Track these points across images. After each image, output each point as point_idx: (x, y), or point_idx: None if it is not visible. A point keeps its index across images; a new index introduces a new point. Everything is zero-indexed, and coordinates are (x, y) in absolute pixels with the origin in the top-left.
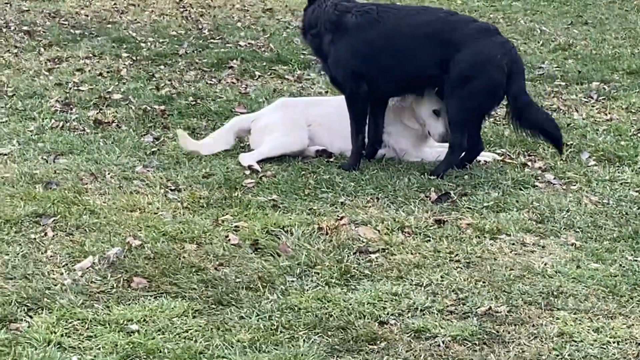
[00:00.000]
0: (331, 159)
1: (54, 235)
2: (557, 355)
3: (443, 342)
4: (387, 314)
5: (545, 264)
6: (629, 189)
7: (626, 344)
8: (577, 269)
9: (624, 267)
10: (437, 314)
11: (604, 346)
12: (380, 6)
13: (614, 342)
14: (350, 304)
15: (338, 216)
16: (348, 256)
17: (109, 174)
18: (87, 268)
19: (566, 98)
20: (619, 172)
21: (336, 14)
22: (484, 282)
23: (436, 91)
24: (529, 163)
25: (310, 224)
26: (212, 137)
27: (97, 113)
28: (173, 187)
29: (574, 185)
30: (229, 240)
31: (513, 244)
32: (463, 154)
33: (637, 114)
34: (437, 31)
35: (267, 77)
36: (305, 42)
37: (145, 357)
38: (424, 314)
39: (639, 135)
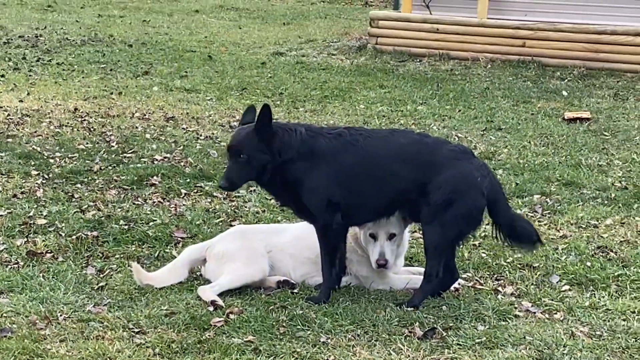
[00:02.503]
0: (295, 290)
1: None
2: None
3: None
4: None
5: None
6: (616, 317)
7: None
8: None
9: None
10: None
11: None
12: (351, 129)
13: None
14: None
15: None
16: None
17: (61, 315)
18: None
19: None
20: (596, 298)
21: (311, 137)
22: None
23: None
24: (500, 289)
25: None
26: (166, 269)
27: (26, 242)
28: (137, 330)
29: (556, 314)
30: None
31: None
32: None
33: (588, 229)
34: (415, 154)
35: (195, 195)
36: (266, 167)
37: None
38: None
39: (601, 255)
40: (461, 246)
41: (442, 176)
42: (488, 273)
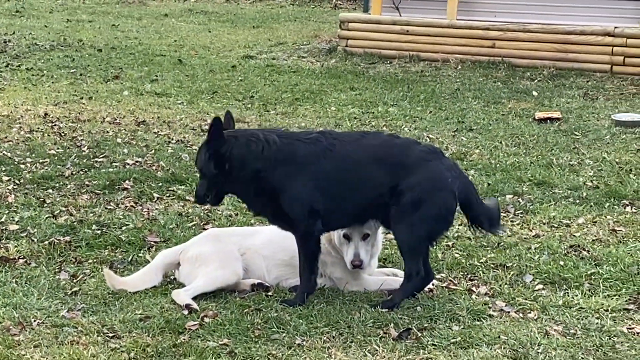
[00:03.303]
0: (269, 293)
1: None
2: None
3: None
4: None
5: None
6: (589, 316)
7: None
8: None
9: None
10: None
11: None
12: (325, 133)
13: None
14: None
15: None
16: None
17: (35, 321)
18: None
19: None
20: (569, 297)
21: (287, 143)
22: None
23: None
24: (474, 289)
25: None
26: (140, 273)
27: None
28: (111, 334)
29: (530, 313)
30: None
31: None
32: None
33: (560, 229)
34: (387, 155)
35: (168, 200)
36: (231, 179)
37: None
38: None
39: (573, 254)
40: (434, 246)
41: (414, 177)
42: (462, 273)
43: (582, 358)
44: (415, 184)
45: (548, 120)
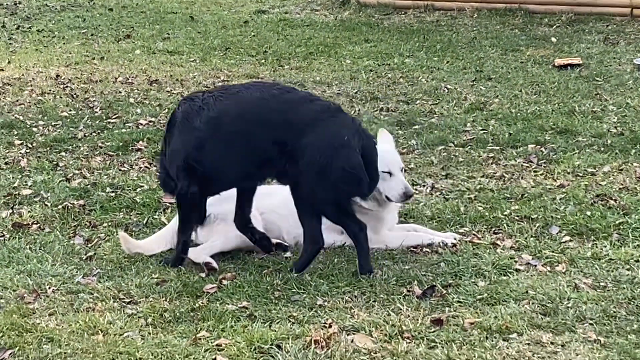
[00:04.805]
0: (287, 253)
1: None
2: None
3: None
4: None
5: None
6: (619, 267)
7: None
8: None
9: None
10: None
11: None
12: (209, 91)
13: None
14: None
15: (325, 323)
16: None
17: (50, 288)
18: None
19: (505, 164)
20: (598, 248)
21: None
22: None
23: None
24: (499, 242)
25: (299, 337)
26: (156, 236)
27: (11, 214)
28: (128, 300)
29: (558, 266)
30: None
31: (529, 344)
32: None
33: (585, 178)
34: (271, 111)
35: None
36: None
37: None
38: None
39: (600, 203)
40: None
41: (307, 139)
42: (485, 227)
43: (614, 311)
44: (310, 146)
45: (568, 67)
